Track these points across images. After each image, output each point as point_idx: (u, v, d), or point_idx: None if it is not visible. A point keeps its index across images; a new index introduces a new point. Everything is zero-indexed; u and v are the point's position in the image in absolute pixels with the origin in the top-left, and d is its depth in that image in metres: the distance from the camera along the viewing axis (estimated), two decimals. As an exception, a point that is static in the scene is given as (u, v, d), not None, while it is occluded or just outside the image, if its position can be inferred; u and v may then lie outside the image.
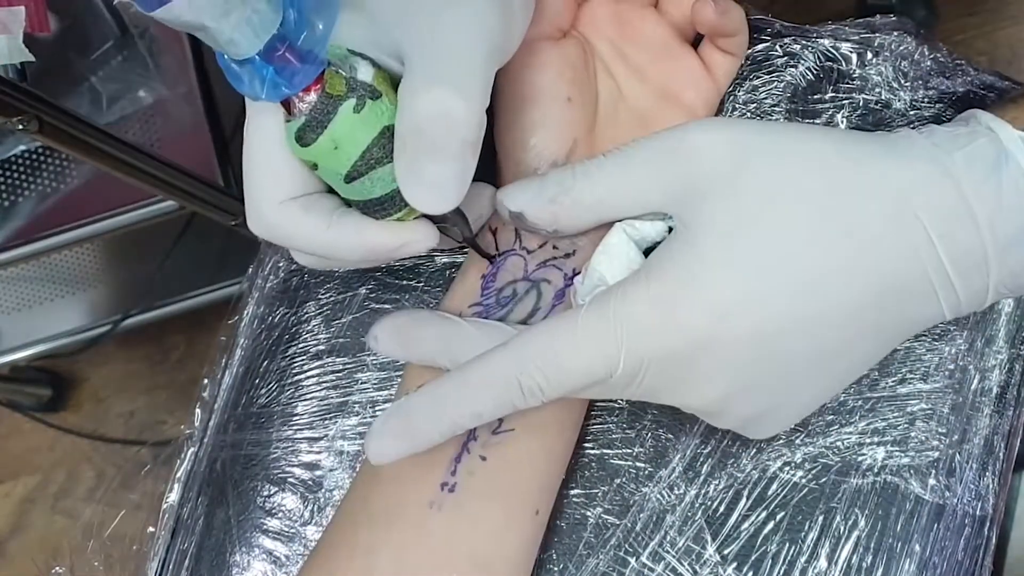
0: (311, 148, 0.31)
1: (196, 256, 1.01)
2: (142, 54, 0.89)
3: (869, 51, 0.42)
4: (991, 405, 0.39)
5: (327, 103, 0.30)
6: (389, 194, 0.32)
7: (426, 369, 0.36)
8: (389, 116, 0.31)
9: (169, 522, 0.46)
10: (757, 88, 0.42)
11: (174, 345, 1.22)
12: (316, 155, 0.31)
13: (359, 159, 0.31)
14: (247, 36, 0.27)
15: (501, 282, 0.37)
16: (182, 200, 0.81)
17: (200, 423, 0.47)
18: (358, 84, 0.30)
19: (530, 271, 0.37)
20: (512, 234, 0.37)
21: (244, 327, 0.47)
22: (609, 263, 0.34)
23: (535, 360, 0.31)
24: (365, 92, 0.30)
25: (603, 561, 0.39)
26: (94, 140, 0.68)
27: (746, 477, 0.39)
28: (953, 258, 0.31)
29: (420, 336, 0.36)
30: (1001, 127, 0.31)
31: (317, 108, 0.30)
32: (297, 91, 0.30)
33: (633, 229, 0.34)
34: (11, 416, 1.20)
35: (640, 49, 0.39)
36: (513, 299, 0.37)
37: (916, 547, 0.38)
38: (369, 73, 0.31)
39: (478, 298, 0.37)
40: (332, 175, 0.32)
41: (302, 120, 0.30)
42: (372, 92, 0.31)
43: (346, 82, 0.30)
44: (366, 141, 0.31)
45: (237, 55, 0.28)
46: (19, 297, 1.08)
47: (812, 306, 0.31)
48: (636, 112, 0.39)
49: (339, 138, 0.30)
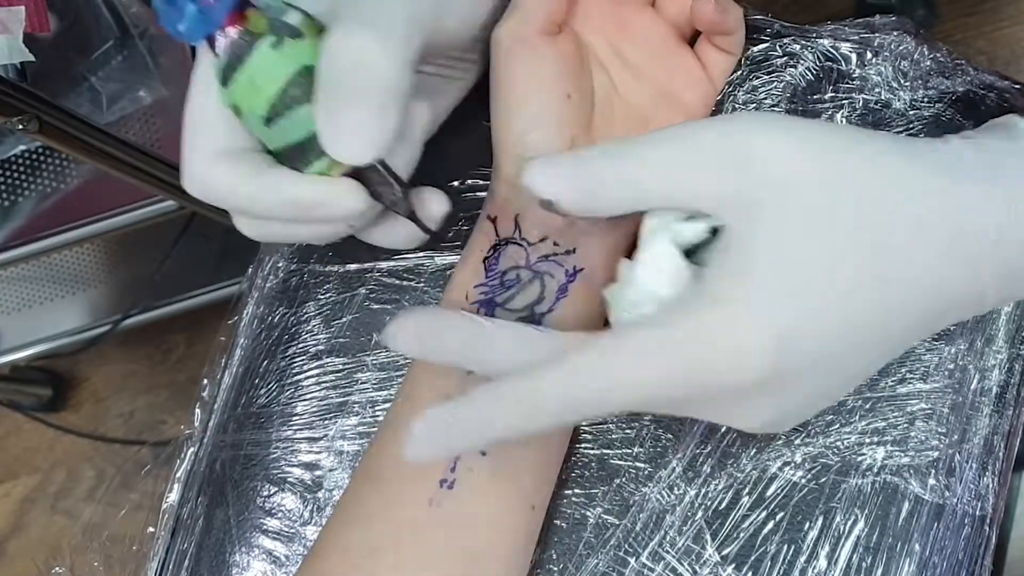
0: (231, 88, 0.31)
1: (196, 256, 1.01)
2: (142, 54, 0.89)
3: (869, 51, 0.42)
4: (991, 405, 0.39)
5: (247, 40, 0.30)
6: (308, 138, 0.32)
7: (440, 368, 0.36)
8: (310, 56, 0.31)
9: (169, 522, 0.46)
10: (757, 88, 0.42)
11: (174, 345, 1.22)
12: (236, 95, 0.31)
13: (277, 97, 0.31)
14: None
15: (503, 266, 0.37)
16: (182, 200, 0.81)
17: (200, 423, 0.47)
18: (281, 24, 0.31)
19: (532, 262, 0.37)
20: (512, 224, 0.37)
21: (244, 327, 0.47)
22: (658, 277, 0.30)
23: (592, 389, 0.29)
24: (285, 31, 0.31)
25: (603, 561, 0.39)
26: (94, 140, 0.68)
27: (746, 477, 0.39)
28: (998, 275, 0.30)
29: (443, 338, 0.33)
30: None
31: (237, 44, 0.30)
32: (215, 26, 0.30)
33: (676, 234, 0.31)
34: (11, 416, 1.20)
35: (637, 47, 0.39)
36: (517, 283, 0.36)
37: (916, 547, 0.38)
38: (297, 18, 0.31)
39: (483, 279, 0.37)
40: (254, 119, 0.32)
41: (224, 59, 0.31)
42: (293, 32, 0.31)
43: (268, 21, 0.31)
44: (283, 77, 0.31)
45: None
46: (19, 297, 1.08)
47: (872, 331, 0.30)
48: (633, 110, 0.39)
49: (256, 74, 0.31)
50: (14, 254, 0.89)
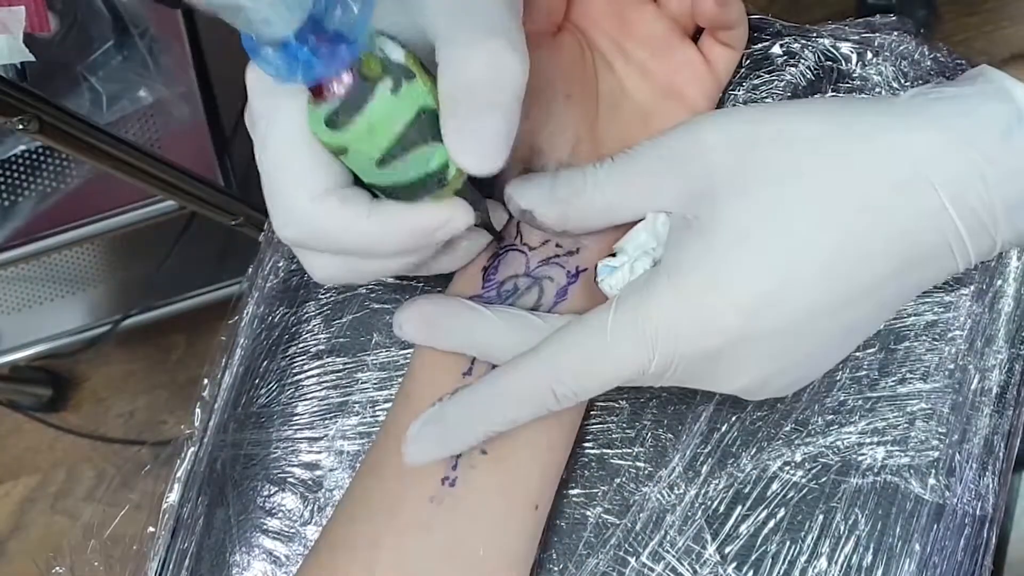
0: (343, 132, 0.30)
1: (196, 256, 1.01)
2: (142, 54, 0.89)
3: (869, 51, 0.42)
4: (991, 405, 0.39)
5: (363, 85, 0.29)
6: (421, 178, 0.31)
7: (439, 356, 0.36)
8: (424, 96, 0.30)
9: (169, 522, 0.46)
10: (757, 87, 0.42)
11: (174, 345, 1.22)
12: (349, 139, 0.30)
13: (394, 142, 0.30)
14: (281, 14, 0.26)
15: (502, 275, 0.37)
16: (182, 200, 0.81)
17: (200, 423, 0.47)
18: (393, 65, 0.30)
19: (531, 268, 0.37)
20: (513, 229, 0.37)
21: (244, 327, 0.47)
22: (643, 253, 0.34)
23: (568, 369, 0.32)
24: (400, 73, 0.30)
25: (603, 561, 0.39)
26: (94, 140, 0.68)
27: (746, 477, 0.39)
28: (967, 222, 0.31)
29: (446, 325, 0.36)
30: (1016, 87, 0.31)
31: (353, 90, 0.29)
32: (335, 71, 0.29)
33: None
34: (11, 416, 1.20)
35: (640, 44, 0.39)
36: (514, 293, 0.37)
37: (916, 547, 0.38)
38: (400, 53, 0.30)
39: (479, 290, 0.37)
40: (363, 160, 0.31)
41: (336, 103, 0.29)
42: (406, 72, 0.30)
43: (381, 63, 0.29)
44: (403, 122, 0.30)
45: (272, 36, 0.27)
46: (19, 297, 1.08)
47: (836, 288, 0.31)
48: (639, 107, 0.39)
49: (376, 120, 0.30)
50: (14, 254, 0.89)
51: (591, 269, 0.37)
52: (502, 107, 0.30)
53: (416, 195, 0.32)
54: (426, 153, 0.31)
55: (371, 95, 0.29)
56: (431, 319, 0.36)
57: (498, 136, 0.30)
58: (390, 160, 0.31)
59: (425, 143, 0.31)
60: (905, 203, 0.30)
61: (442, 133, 0.30)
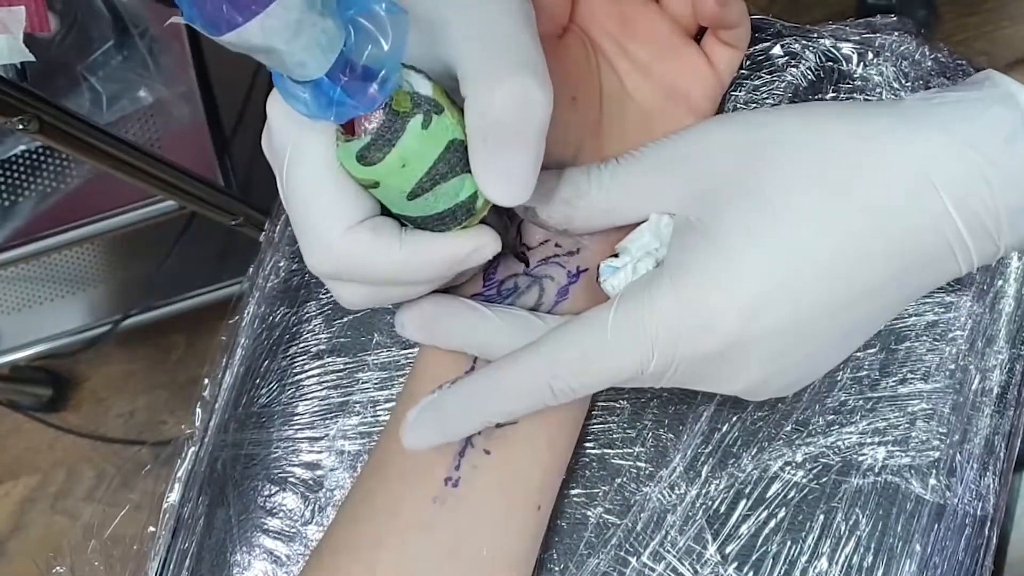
0: (376, 167, 0.30)
1: (196, 256, 1.01)
2: (142, 54, 0.89)
3: (870, 51, 0.42)
4: (992, 405, 0.39)
5: (394, 120, 0.29)
6: (451, 208, 0.32)
7: (442, 355, 0.37)
8: (453, 129, 0.30)
9: (170, 522, 0.46)
10: (758, 88, 0.42)
11: (174, 345, 1.22)
12: (381, 174, 0.30)
13: (425, 175, 0.30)
14: (316, 57, 0.26)
15: (502, 275, 0.37)
16: (182, 200, 0.81)
17: (201, 423, 0.47)
18: (422, 99, 0.30)
19: (531, 267, 0.37)
20: (514, 228, 0.37)
21: (245, 327, 0.47)
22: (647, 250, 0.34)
23: (566, 365, 0.32)
24: (430, 107, 0.30)
25: (604, 561, 0.39)
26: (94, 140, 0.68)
27: (747, 477, 0.39)
28: (970, 226, 0.30)
29: (447, 324, 0.36)
30: (1020, 91, 0.31)
31: (385, 126, 0.29)
32: (371, 109, 0.29)
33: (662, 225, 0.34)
34: (11, 416, 1.20)
35: (642, 45, 0.39)
36: (514, 292, 0.37)
37: (917, 547, 0.38)
38: (428, 87, 0.30)
39: (479, 289, 0.37)
40: (394, 193, 0.31)
41: (367, 139, 0.29)
42: (436, 106, 0.30)
43: (411, 98, 0.30)
44: (433, 156, 0.30)
45: (305, 76, 0.27)
46: (19, 297, 1.08)
47: (838, 290, 0.31)
48: (641, 108, 0.39)
49: (408, 155, 0.30)
50: (14, 254, 0.89)
51: (592, 269, 0.37)
52: (529, 141, 0.30)
53: (445, 225, 0.32)
54: (455, 185, 0.31)
55: (403, 131, 0.29)
56: (432, 319, 0.36)
57: (526, 169, 0.30)
58: (421, 193, 0.31)
59: (455, 175, 0.31)
60: (908, 205, 0.30)
61: (472, 167, 0.30)
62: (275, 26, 0.25)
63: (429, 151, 0.30)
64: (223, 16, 0.24)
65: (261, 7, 0.24)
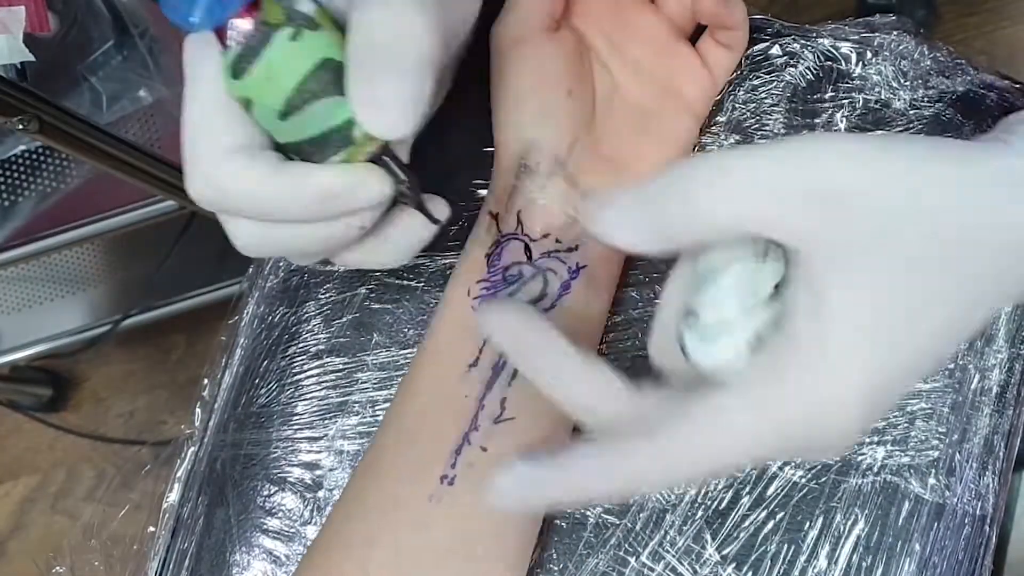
0: (245, 80, 0.30)
1: (196, 256, 1.01)
2: (142, 54, 0.89)
3: (869, 51, 0.42)
4: (991, 404, 0.39)
5: (263, 31, 0.29)
6: (325, 132, 0.31)
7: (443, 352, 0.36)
8: (327, 48, 0.30)
9: (169, 522, 0.46)
10: (757, 88, 0.42)
11: (174, 345, 1.22)
12: (250, 88, 0.30)
13: (294, 91, 0.30)
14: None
15: (506, 261, 0.37)
16: (182, 200, 0.81)
17: (200, 423, 0.47)
18: (296, 14, 0.30)
19: (535, 258, 0.37)
20: (514, 219, 0.37)
21: (244, 327, 0.47)
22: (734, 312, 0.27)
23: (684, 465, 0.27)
24: (304, 23, 0.30)
25: (603, 561, 0.39)
26: (94, 140, 0.68)
27: (746, 476, 0.39)
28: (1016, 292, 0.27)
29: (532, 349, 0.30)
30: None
31: (252, 36, 0.29)
32: (229, 13, 0.29)
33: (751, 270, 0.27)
34: (11, 416, 1.20)
35: (637, 43, 0.39)
36: (520, 280, 0.37)
37: (916, 546, 0.38)
38: (310, 7, 0.30)
39: (484, 274, 0.37)
40: (267, 112, 0.31)
41: (237, 50, 0.30)
42: (310, 23, 0.30)
43: (284, 11, 0.30)
44: (302, 71, 0.30)
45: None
46: (19, 297, 1.08)
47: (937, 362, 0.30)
48: (634, 107, 0.39)
49: (274, 67, 0.30)
50: (14, 254, 0.89)
51: (591, 265, 0.37)
52: (406, 71, 0.29)
53: (325, 155, 0.31)
54: (329, 106, 0.30)
55: (268, 41, 0.29)
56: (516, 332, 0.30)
57: (403, 100, 0.29)
58: (293, 111, 0.30)
59: (328, 96, 0.30)
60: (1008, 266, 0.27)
61: (347, 95, 0.30)
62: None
63: (297, 65, 0.30)
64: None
65: None
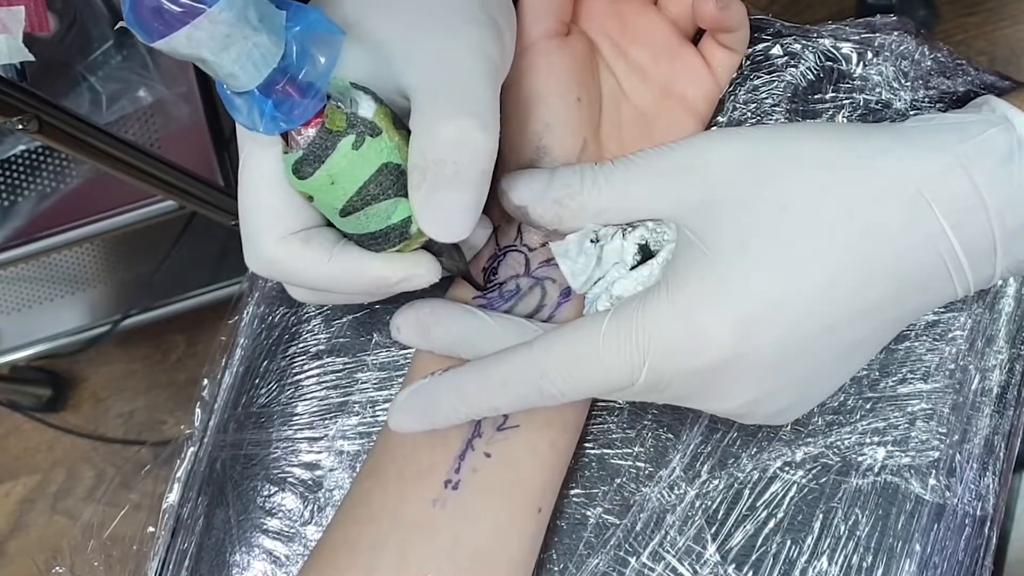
0: (307, 182, 0.31)
1: (196, 256, 1.01)
2: (142, 54, 0.89)
3: (869, 51, 0.42)
4: (991, 405, 0.39)
5: (326, 138, 0.30)
6: (384, 230, 0.32)
7: (440, 359, 0.37)
8: (388, 153, 0.31)
9: (169, 522, 0.46)
10: (758, 88, 0.42)
11: (174, 345, 1.22)
12: (312, 188, 0.31)
13: (355, 195, 0.31)
14: (247, 70, 0.27)
15: (503, 275, 0.37)
16: (182, 200, 0.81)
17: (200, 423, 0.47)
18: (358, 120, 0.30)
19: (532, 268, 0.37)
20: (514, 230, 0.37)
21: (244, 327, 0.47)
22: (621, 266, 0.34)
23: (556, 367, 0.32)
24: (365, 128, 0.30)
25: (603, 561, 0.39)
26: (94, 140, 0.68)
27: (746, 477, 0.39)
28: (966, 247, 0.31)
29: (442, 329, 0.36)
30: (1016, 115, 0.31)
31: (315, 143, 0.30)
32: (296, 125, 0.29)
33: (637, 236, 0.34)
34: (11, 416, 1.20)
35: (641, 46, 0.39)
36: (516, 294, 0.37)
37: (916, 547, 0.38)
38: (370, 109, 0.31)
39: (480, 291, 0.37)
40: (327, 208, 0.32)
41: (300, 153, 0.30)
42: (372, 129, 0.30)
43: (346, 117, 0.30)
44: (363, 177, 0.31)
45: (237, 88, 0.28)
46: (19, 297, 1.08)
47: (835, 309, 0.31)
48: (638, 110, 0.39)
49: (336, 174, 0.30)
50: (14, 254, 0.89)
51: None
52: (468, 183, 0.30)
53: (379, 244, 0.33)
54: (388, 208, 0.31)
55: (333, 149, 0.30)
56: (428, 323, 0.36)
57: (463, 209, 0.31)
58: (352, 211, 0.31)
59: (387, 198, 0.31)
60: (905, 224, 0.30)
61: (410, 201, 0.31)
62: (202, 37, 0.25)
63: (359, 171, 0.31)
64: (154, 24, 0.25)
65: (189, 18, 0.25)
